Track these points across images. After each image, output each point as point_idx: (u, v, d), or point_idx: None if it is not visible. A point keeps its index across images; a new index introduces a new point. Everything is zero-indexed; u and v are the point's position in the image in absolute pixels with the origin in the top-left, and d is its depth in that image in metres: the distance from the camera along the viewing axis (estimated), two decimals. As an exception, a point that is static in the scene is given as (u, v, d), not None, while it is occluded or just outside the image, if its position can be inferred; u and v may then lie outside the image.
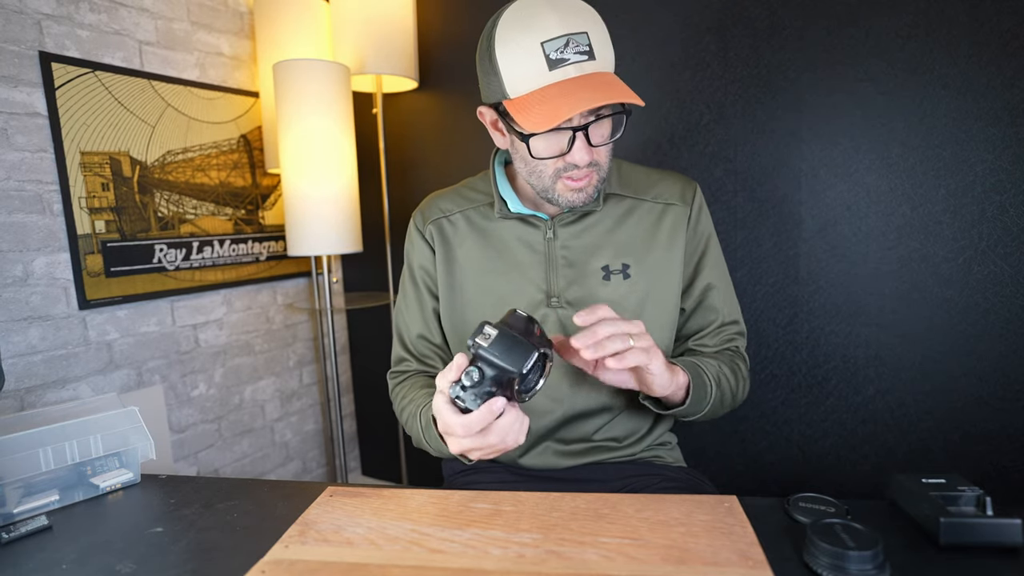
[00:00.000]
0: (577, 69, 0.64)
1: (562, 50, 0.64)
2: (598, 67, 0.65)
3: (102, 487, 0.71)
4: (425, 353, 0.87)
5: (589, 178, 0.71)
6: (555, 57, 0.64)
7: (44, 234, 1.21)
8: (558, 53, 0.64)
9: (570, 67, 0.64)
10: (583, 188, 0.72)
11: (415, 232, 0.86)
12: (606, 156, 0.72)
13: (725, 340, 0.83)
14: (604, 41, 0.67)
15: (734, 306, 0.84)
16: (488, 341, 0.56)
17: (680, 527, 0.55)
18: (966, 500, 0.51)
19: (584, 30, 0.65)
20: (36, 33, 1.18)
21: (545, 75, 0.64)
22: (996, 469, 1.09)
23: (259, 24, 1.58)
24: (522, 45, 0.65)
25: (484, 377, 0.56)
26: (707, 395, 0.73)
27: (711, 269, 0.82)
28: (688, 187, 0.82)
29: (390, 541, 0.55)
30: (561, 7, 0.65)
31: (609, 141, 0.70)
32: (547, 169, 0.72)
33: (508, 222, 0.81)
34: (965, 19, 1.02)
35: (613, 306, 0.76)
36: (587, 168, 0.70)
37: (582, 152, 0.68)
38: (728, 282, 0.85)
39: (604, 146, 0.71)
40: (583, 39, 0.64)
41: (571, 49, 0.64)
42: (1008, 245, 1.04)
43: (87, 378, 1.28)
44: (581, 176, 0.70)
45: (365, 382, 2.00)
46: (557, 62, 0.64)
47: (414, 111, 1.71)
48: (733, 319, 0.83)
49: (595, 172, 0.71)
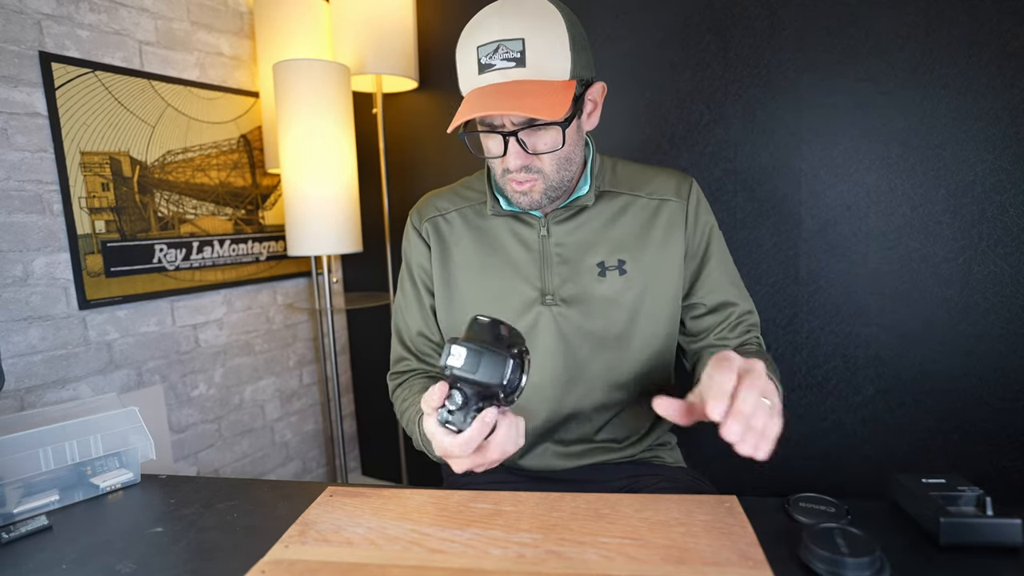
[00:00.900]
0: (500, 75, 0.66)
1: (491, 56, 0.66)
2: (526, 75, 0.65)
3: (102, 487, 0.71)
4: (424, 351, 0.87)
5: (532, 183, 0.72)
6: (484, 62, 0.67)
7: (44, 234, 1.21)
8: (487, 58, 0.66)
9: (495, 73, 0.66)
10: (527, 192, 0.72)
11: (412, 230, 0.86)
12: (551, 165, 0.71)
13: (744, 332, 0.81)
14: (547, 49, 0.66)
15: (744, 294, 0.83)
16: (461, 361, 0.55)
17: (680, 527, 0.55)
18: (966, 500, 0.51)
19: (520, 36, 0.65)
20: (36, 33, 1.18)
21: (475, 78, 0.68)
22: (996, 469, 1.09)
23: (259, 24, 1.58)
24: (466, 48, 0.69)
25: (467, 397, 0.56)
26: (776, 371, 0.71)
27: (718, 262, 0.82)
28: (683, 182, 0.81)
29: (390, 541, 0.55)
30: (508, 13, 0.66)
31: (551, 151, 0.69)
32: (496, 169, 0.74)
33: (503, 220, 0.81)
34: (965, 19, 1.02)
35: (609, 302, 0.77)
36: (526, 174, 0.71)
37: (512, 156, 0.69)
38: (735, 272, 0.84)
39: (548, 155, 0.70)
40: (516, 45, 0.65)
41: (499, 55, 0.66)
42: (1008, 245, 1.04)
43: (87, 378, 1.28)
44: (523, 180, 0.71)
45: (365, 382, 2.00)
46: (485, 67, 0.67)
47: (414, 111, 1.71)
48: (748, 309, 0.83)
49: (539, 179, 0.71)
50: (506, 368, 0.55)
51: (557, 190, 0.74)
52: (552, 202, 0.76)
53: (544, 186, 0.72)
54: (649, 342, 0.79)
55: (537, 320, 0.78)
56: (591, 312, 0.77)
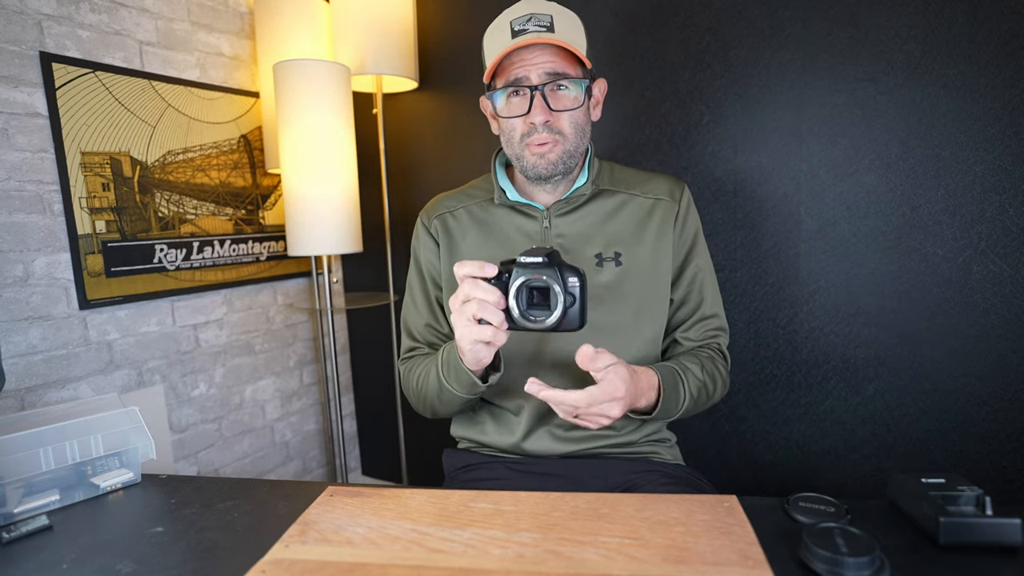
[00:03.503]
0: (535, 36, 0.74)
1: (524, 24, 0.75)
2: (556, 38, 0.74)
3: (102, 487, 0.71)
4: (432, 340, 0.91)
5: (552, 144, 0.77)
6: (517, 28, 0.75)
7: (44, 234, 1.21)
8: (520, 25, 0.75)
9: (529, 35, 0.74)
10: (545, 154, 0.78)
11: (422, 228, 0.91)
12: (569, 126, 0.78)
13: (708, 335, 0.87)
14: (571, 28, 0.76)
15: (717, 301, 0.89)
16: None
17: (680, 527, 0.55)
18: (966, 500, 0.51)
19: (549, 13, 0.76)
20: (36, 33, 1.18)
21: (509, 42, 0.75)
22: (996, 469, 1.09)
23: (259, 24, 1.58)
24: (498, 27, 0.78)
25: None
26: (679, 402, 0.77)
27: (697, 264, 0.87)
28: (677, 186, 0.87)
29: (390, 541, 0.55)
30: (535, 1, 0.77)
31: (571, 108, 0.77)
32: (515, 134, 0.79)
33: (507, 213, 0.86)
34: (965, 19, 1.02)
35: (607, 291, 0.82)
36: (548, 133, 0.76)
37: (536, 110, 0.75)
38: (713, 278, 0.89)
39: (567, 112, 0.77)
40: (546, 19, 0.75)
41: (532, 23, 0.75)
42: (1008, 245, 1.04)
43: (87, 378, 1.28)
44: (543, 140, 0.77)
45: (365, 382, 2.00)
46: (519, 32, 0.75)
47: (414, 111, 1.71)
48: (714, 312, 0.88)
49: (559, 142, 0.77)
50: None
51: (572, 159, 0.80)
52: (564, 173, 0.81)
53: (562, 149, 0.78)
54: (641, 332, 0.83)
55: None
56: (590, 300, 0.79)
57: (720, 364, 0.85)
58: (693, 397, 0.78)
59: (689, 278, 0.86)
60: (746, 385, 1.30)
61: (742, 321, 1.28)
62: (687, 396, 0.77)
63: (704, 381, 0.80)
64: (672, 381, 0.76)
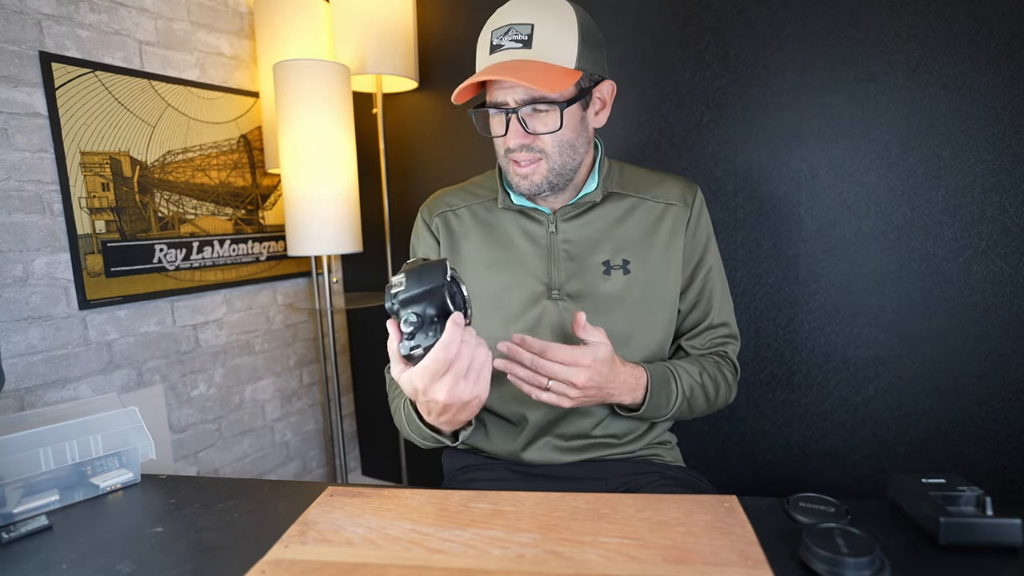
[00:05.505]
0: (508, 55, 0.70)
1: (502, 37, 0.71)
2: (530, 56, 0.70)
3: (102, 487, 0.71)
4: None
5: (535, 165, 0.74)
6: (495, 43, 0.71)
7: (44, 234, 1.21)
8: (498, 39, 0.71)
9: (503, 52, 0.71)
10: (527, 175, 0.75)
11: (422, 224, 0.89)
12: (552, 145, 0.74)
13: (715, 343, 0.85)
14: (554, 35, 0.70)
15: (728, 310, 0.86)
16: (402, 283, 0.55)
17: (680, 527, 0.55)
18: (966, 500, 0.51)
19: (530, 21, 0.70)
20: (36, 33, 1.18)
21: (486, 59, 0.73)
22: (996, 469, 1.09)
23: (259, 24, 1.58)
24: (483, 34, 0.74)
25: (422, 314, 0.54)
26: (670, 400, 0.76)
27: (708, 272, 0.84)
28: (689, 190, 0.84)
29: (390, 541, 0.55)
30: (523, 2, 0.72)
31: (551, 131, 0.73)
32: (499, 150, 0.77)
33: (512, 216, 0.83)
34: (965, 19, 1.02)
35: (613, 300, 0.79)
36: (527, 153, 0.73)
37: (512, 134, 0.73)
38: (724, 286, 0.87)
39: (548, 135, 0.73)
40: (525, 29, 0.70)
41: (509, 37, 0.70)
42: (1008, 245, 1.04)
43: (87, 378, 1.28)
44: (524, 161, 0.74)
45: (365, 382, 2.00)
46: (495, 47, 0.71)
47: (414, 111, 1.71)
48: (723, 321, 0.85)
49: (543, 161, 0.74)
50: (446, 268, 0.55)
51: (560, 176, 0.76)
52: (553, 190, 0.78)
53: (547, 168, 0.75)
54: (648, 342, 0.81)
55: (543, 314, 0.79)
56: (596, 309, 0.78)
57: (726, 370, 0.83)
58: (687, 397, 0.77)
59: (699, 287, 0.84)
60: (746, 385, 1.30)
61: (742, 321, 1.28)
62: (679, 395, 0.76)
63: (703, 383, 0.79)
64: (663, 378, 0.75)
